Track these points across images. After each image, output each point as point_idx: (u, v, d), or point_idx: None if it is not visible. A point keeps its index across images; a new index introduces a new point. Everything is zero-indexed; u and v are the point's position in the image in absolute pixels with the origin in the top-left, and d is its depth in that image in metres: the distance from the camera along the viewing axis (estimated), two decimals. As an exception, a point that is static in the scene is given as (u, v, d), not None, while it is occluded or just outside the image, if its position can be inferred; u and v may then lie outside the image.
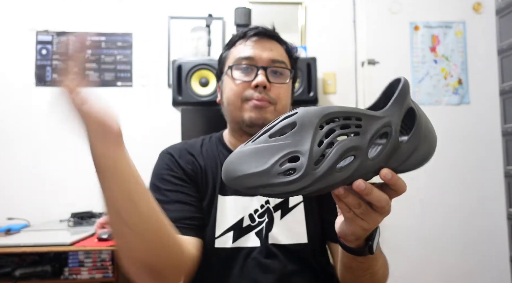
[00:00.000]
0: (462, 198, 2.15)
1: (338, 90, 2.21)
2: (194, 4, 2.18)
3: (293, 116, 0.44)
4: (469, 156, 2.17)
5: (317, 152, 0.43)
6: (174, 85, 1.72)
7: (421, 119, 0.48)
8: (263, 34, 0.86)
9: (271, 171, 0.42)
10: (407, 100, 0.47)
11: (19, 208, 1.99)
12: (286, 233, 0.81)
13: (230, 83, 0.84)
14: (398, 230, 2.10)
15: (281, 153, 0.42)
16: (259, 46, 0.84)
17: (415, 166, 0.49)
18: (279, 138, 0.43)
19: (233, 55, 0.86)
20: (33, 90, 2.10)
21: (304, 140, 0.43)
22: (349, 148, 0.43)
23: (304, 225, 0.83)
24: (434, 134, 0.51)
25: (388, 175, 0.45)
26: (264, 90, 0.81)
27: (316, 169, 0.42)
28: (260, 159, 0.42)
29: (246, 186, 0.42)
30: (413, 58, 2.20)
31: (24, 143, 2.06)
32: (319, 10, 2.24)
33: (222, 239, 0.80)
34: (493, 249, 2.12)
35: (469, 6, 2.23)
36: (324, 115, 0.44)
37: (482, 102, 2.19)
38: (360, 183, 0.44)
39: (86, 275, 1.56)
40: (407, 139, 0.47)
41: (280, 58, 0.85)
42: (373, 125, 0.45)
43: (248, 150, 0.43)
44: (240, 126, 0.83)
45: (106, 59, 2.16)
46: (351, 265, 0.64)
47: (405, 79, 0.48)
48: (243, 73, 0.83)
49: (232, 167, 0.43)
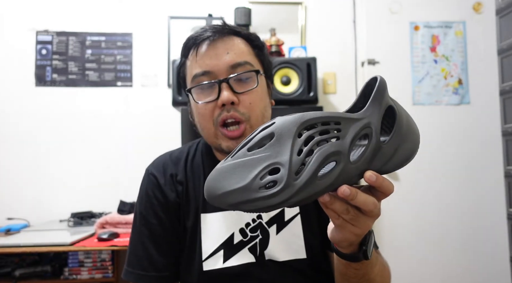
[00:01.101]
0: (462, 198, 2.15)
1: (338, 90, 2.21)
2: (194, 4, 2.18)
3: (271, 127, 0.43)
4: (469, 156, 2.17)
5: (296, 161, 0.41)
6: (174, 85, 1.72)
7: (401, 117, 0.47)
8: (213, 36, 0.74)
9: (252, 186, 0.41)
10: (385, 99, 0.46)
11: (19, 208, 1.99)
12: (283, 249, 0.76)
13: (196, 107, 0.75)
14: (398, 230, 2.10)
15: (260, 166, 0.41)
16: (213, 53, 0.73)
17: (399, 165, 0.48)
18: (257, 151, 0.42)
19: (189, 73, 0.76)
20: (33, 90, 2.10)
21: (283, 150, 0.42)
22: (329, 154, 0.42)
23: (302, 239, 0.77)
24: (416, 131, 0.50)
25: (373, 177, 0.44)
26: (233, 107, 0.71)
27: (297, 180, 0.41)
28: (240, 174, 0.41)
29: (228, 204, 0.41)
30: (413, 58, 2.20)
31: (24, 143, 2.06)
32: (319, 10, 2.24)
33: (210, 261, 0.74)
34: (493, 249, 2.12)
35: (469, 6, 2.23)
36: (302, 123, 0.43)
37: (482, 102, 2.19)
38: (345, 188, 0.43)
39: (86, 275, 1.56)
40: (388, 139, 0.46)
41: (242, 58, 0.73)
42: (352, 128, 0.44)
43: (227, 166, 0.42)
44: (220, 151, 0.76)
45: (106, 59, 2.16)
46: (347, 272, 0.61)
47: (381, 77, 0.47)
48: (204, 94, 0.73)
49: (213, 185, 0.42)
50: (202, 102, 0.73)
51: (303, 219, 0.79)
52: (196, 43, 0.74)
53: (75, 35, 2.15)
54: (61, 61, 2.13)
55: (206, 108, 0.73)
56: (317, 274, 0.77)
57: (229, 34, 0.75)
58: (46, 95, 2.10)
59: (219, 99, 0.71)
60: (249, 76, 0.74)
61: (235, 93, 0.72)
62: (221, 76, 0.72)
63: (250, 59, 0.75)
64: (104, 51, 2.16)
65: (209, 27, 0.75)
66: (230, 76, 0.72)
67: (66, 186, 2.06)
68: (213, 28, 0.75)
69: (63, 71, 2.13)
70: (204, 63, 0.73)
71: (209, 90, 0.73)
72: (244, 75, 0.73)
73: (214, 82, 0.72)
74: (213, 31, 0.74)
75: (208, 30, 0.74)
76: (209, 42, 0.74)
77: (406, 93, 2.18)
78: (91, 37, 2.16)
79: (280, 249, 0.76)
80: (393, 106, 0.47)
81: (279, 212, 0.78)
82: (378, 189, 0.45)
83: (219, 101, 0.71)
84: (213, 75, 0.72)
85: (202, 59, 0.73)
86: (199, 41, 0.74)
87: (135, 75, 2.16)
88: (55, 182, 2.05)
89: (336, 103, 2.21)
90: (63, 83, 2.13)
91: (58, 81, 2.12)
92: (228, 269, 0.74)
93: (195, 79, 0.74)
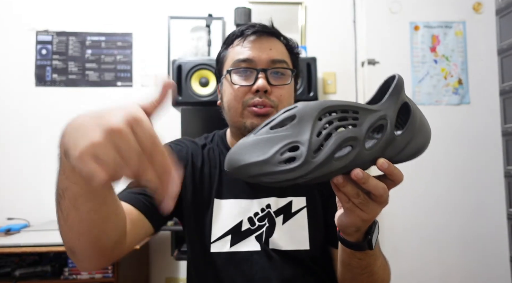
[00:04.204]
0: (462, 198, 2.15)
1: (338, 90, 2.21)
2: (194, 4, 2.18)
3: (293, 110, 0.46)
4: (469, 156, 2.16)
5: (316, 142, 0.45)
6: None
7: (415, 114, 0.51)
8: (261, 32, 0.82)
9: (272, 160, 0.44)
10: (402, 96, 0.50)
11: (19, 208, 1.99)
12: (287, 239, 0.79)
13: (230, 88, 0.81)
14: (398, 229, 2.10)
15: (281, 143, 0.44)
16: (258, 46, 0.80)
17: (410, 157, 0.51)
18: (279, 129, 0.46)
19: (231, 57, 0.82)
20: (33, 90, 2.10)
21: (303, 131, 0.45)
22: (346, 138, 0.45)
23: (306, 230, 0.80)
24: (428, 128, 0.53)
25: (385, 164, 0.47)
26: (265, 95, 0.78)
27: (315, 158, 0.44)
28: (262, 149, 0.44)
29: (248, 175, 0.44)
30: (413, 58, 2.20)
31: (24, 143, 2.06)
32: (319, 10, 2.24)
33: (218, 244, 0.78)
34: (493, 249, 2.12)
35: (469, 6, 2.23)
36: (323, 109, 0.46)
37: (482, 102, 2.19)
38: (358, 171, 0.46)
39: (86, 275, 1.56)
40: (402, 132, 0.49)
41: (281, 57, 0.81)
42: (369, 118, 0.47)
43: (250, 141, 0.45)
44: (242, 131, 0.80)
45: (106, 59, 2.16)
46: (350, 262, 0.64)
47: (399, 75, 0.50)
48: (242, 77, 0.80)
49: (235, 157, 0.45)
50: (238, 85, 0.79)
51: (310, 212, 0.82)
52: (244, 33, 0.82)
53: (75, 35, 2.15)
54: (61, 61, 2.13)
55: (240, 90, 0.79)
56: (318, 266, 0.81)
57: (274, 35, 0.84)
58: (46, 95, 2.10)
59: (255, 85, 0.78)
60: (285, 72, 0.82)
61: (269, 85, 0.79)
62: (261, 66, 0.79)
63: (287, 60, 0.83)
64: (104, 51, 2.16)
65: (257, 24, 0.83)
66: (269, 68, 0.80)
67: (66, 186, 2.05)
68: (262, 26, 0.83)
69: (63, 71, 2.13)
70: (249, 52, 0.80)
71: (247, 75, 0.80)
72: (282, 70, 0.81)
73: (254, 70, 0.79)
74: (262, 27, 0.82)
75: (256, 26, 0.82)
76: (256, 36, 0.82)
77: (406, 93, 2.17)
78: (91, 37, 2.16)
79: (284, 239, 0.79)
80: (408, 103, 0.51)
81: (287, 204, 0.82)
82: (388, 177, 0.48)
83: (255, 86, 0.78)
84: (254, 64, 0.80)
85: (248, 47, 0.81)
86: (248, 33, 0.82)
87: (135, 75, 2.16)
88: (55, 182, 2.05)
89: (336, 103, 2.21)
90: (63, 83, 2.13)
91: (58, 81, 2.12)
92: (234, 254, 0.78)
93: (236, 63, 0.81)
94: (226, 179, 0.83)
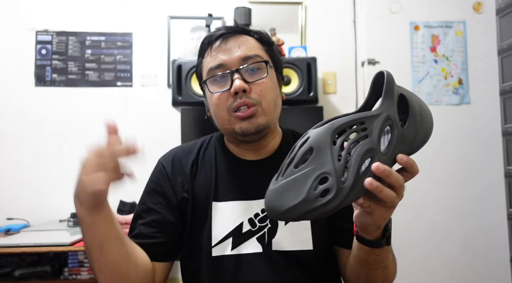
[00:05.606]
0: (462, 198, 2.14)
1: (338, 90, 2.21)
2: (194, 4, 2.18)
3: (308, 142, 0.49)
4: (469, 156, 2.16)
5: (340, 168, 0.48)
6: (174, 85, 1.72)
7: (413, 103, 0.53)
8: (227, 34, 0.80)
9: (309, 198, 0.47)
10: (395, 90, 0.52)
11: (19, 208, 1.99)
12: (290, 239, 0.78)
13: (211, 98, 0.80)
14: (398, 229, 2.09)
15: (311, 179, 0.47)
16: (226, 48, 0.79)
17: (422, 144, 0.55)
18: (303, 166, 0.48)
19: (205, 68, 0.82)
20: (33, 90, 2.10)
21: (325, 161, 0.48)
22: (364, 153, 0.48)
23: (309, 230, 0.79)
24: (427, 110, 0.56)
25: (404, 158, 0.51)
26: (245, 94, 0.76)
27: (345, 183, 0.47)
28: (296, 190, 0.47)
29: (293, 217, 0.48)
30: (413, 58, 2.20)
31: (24, 143, 2.06)
32: (319, 10, 2.24)
33: (219, 247, 0.78)
34: (493, 249, 2.12)
35: (469, 6, 2.23)
36: (333, 131, 0.49)
37: (482, 102, 2.19)
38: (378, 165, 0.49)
39: (86, 275, 1.56)
40: (407, 125, 0.52)
41: (252, 52, 0.79)
42: (376, 124, 0.50)
43: (282, 185, 0.48)
44: (234, 137, 0.80)
45: (106, 59, 2.15)
46: (368, 259, 0.66)
47: (388, 72, 0.52)
48: (218, 84, 0.79)
49: (275, 204, 0.48)
50: (216, 93, 0.79)
51: None
52: (211, 41, 0.81)
53: (75, 35, 2.15)
54: (61, 61, 2.13)
55: (220, 98, 0.78)
56: (322, 266, 0.80)
57: (240, 33, 0.82)
58: (46, 95, 2.10)
59: (232, 88, 0.76)
60: (259, 66, 0.80)
61: (247, 83, 0.77)
62: (234, 68, 0.78)
63: (260, 53, 0.81)
64: (104, 51, 2.16)
65: (222, 27, 0.83)
66: (241, 67, 0.78)
67: (66, 186, 2.04)
68: (226, 27, 0.82)
69: (63, 71, 2.13)
70: (218, 57, 0.79)
71: (223, 81, 0.79)
72: (254, 66, 0.79)
73: (227, 73, 0.78)
74: (226, 29, 0.81)
75: (221, 29, 0.82)
76: (222, 39, 0.80)
77: (406, 93, 2.18)
78: (91, 37, 2.15)
79: (287, 239, 0.78)
80: (403, 94, 0.53)
81: None
82: (407, 169, 0.53)
83: (232, 89, 0.76)
84: (226, 68, 0.78)
85: (216, 54, 0.80)
86: (213, 39, 0.81)
87: (135, 75, 2.16)
88: (55, 182, 2.05)
89: (336, 103, 2.21)
90: (63, 83, 2.13)
91: (58, 81, 2.12)
92: (236, 257, 0.77)
93: (209, 72, 0.80)
94: (222, 180, 0.83)
